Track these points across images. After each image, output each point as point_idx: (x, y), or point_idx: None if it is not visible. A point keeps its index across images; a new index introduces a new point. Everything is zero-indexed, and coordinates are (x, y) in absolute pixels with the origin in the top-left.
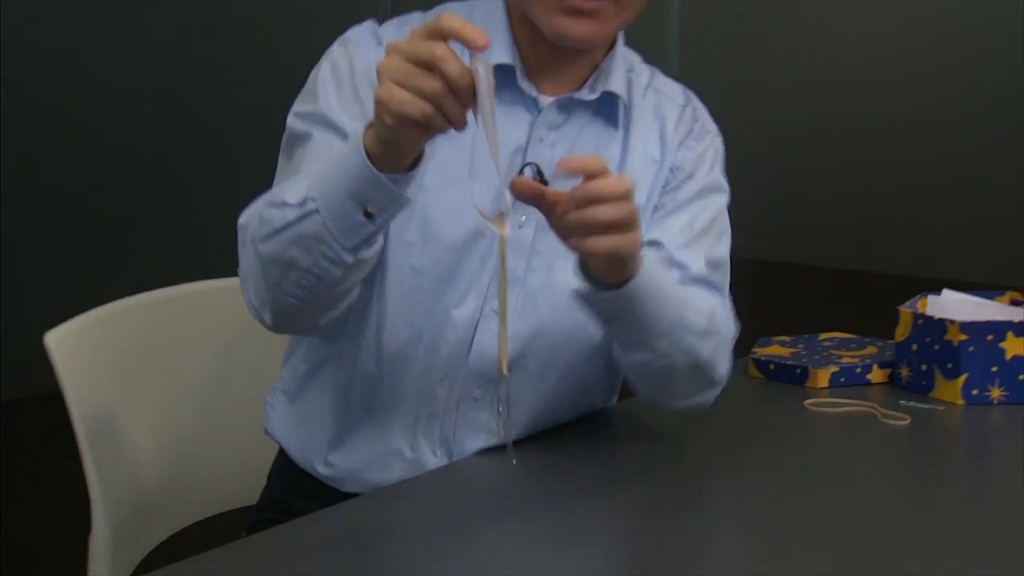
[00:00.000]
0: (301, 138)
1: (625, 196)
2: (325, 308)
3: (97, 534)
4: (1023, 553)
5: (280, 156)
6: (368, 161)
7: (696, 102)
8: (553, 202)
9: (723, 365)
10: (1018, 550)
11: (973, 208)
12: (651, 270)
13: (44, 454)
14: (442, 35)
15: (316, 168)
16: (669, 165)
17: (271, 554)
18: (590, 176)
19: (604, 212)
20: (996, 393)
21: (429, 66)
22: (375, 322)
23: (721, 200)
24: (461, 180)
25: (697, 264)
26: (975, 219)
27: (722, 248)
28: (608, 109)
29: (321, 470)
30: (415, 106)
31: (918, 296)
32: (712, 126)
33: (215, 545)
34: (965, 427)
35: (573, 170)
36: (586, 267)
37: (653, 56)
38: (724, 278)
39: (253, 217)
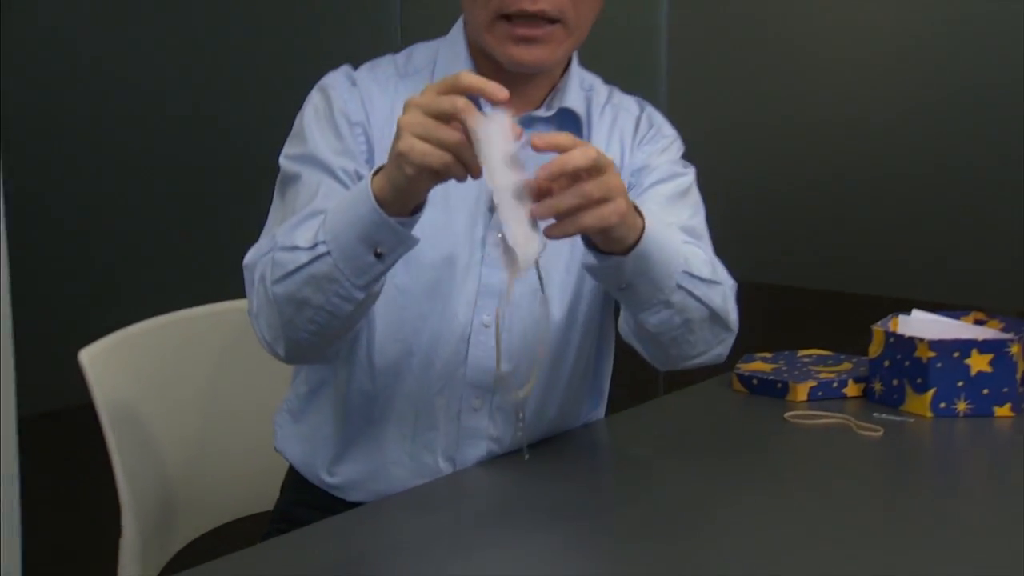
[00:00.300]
0: (292, 178)
1: (595, 167)
2: (335, 339)
3: (127, 536)
4: (988, 555)
5: (274, 195)
6: (379, 207)
7: (650, 109)
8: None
9: (734, 312)
10: (983, 552)
11: (941, 234)
12: (653, 228)
13: (76, 462)
14: (460, 90)
15: (328, 212)
16: (630, 168)
17: (275, 562)
18: (562, 151)
19: (578, 191)
20: (962, 406)
21: (449, 119)
22: (366, 341)
23: (688, 178)
24: (437, 203)
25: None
26: (943, 244)
27: (698, 220)
28: (569, 125)
29: (327, 479)
30: (436, 157)
31: (890, 316)
32: (670, 131)
33: (235, 549)
34: (933, 438)
35: (544, 147)
36: (591, 241)
37: (643, 82)
38: (707, 246)
39: (260, 258)
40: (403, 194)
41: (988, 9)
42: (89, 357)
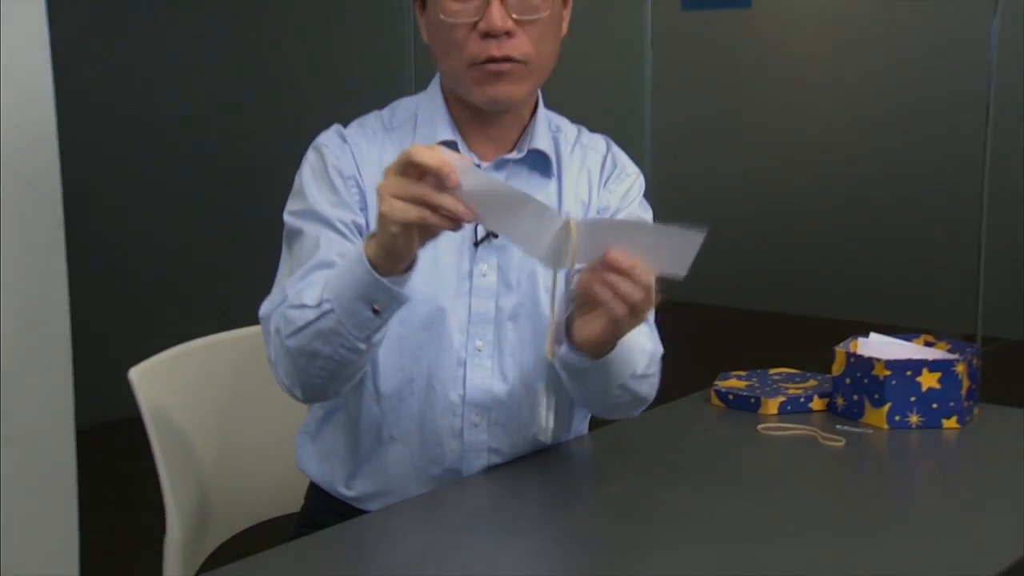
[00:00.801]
0: (296, 233)
1: (647, 287)
2: (346, 381)
3: (171, 536)
4: (937, 549)
5: (283, 249)
6: (372, 269)
7: (615, 149)
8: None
9: (653, 391)
10: (931, 548)
11: (895, 267)
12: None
13: (125, 470)
14: (418, 170)
15: (331, 273)
16: (597, 206)
17: (297, 561)
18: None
19: (636, 292)
20: (914, 419)
21: (421, 175)
22: (371, 371)
23: (647, 222)
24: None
25: None
26: (897, 276)
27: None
28: (541, 165)
29: (345, 492)
30: (413, 212)
31: (850, 338)
32: (632, 169)
33: (264, 548)
34: (889, 448)
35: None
36: (570, 336)
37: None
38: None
39: (273, 311)
40: (392, 254)
41: (942, 61)
42: (138, 375)
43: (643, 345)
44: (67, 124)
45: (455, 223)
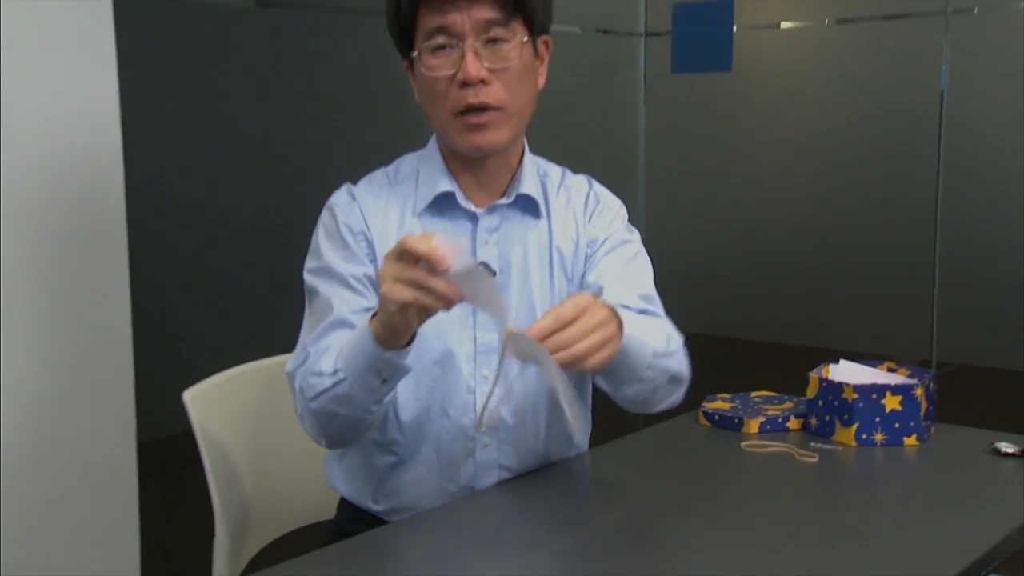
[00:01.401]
0: (313, 292)
1: (592, 320)
2: (364, 432)
3: (219, 539)
4: (903, 554)
5: (306, 303)
6: (376, 344)
7: (596, 187)
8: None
9: (686, 368)
10: (894, 552)
11: (863, 300)
12: (629, 329)
13: (178, 480)
14: (412, 256)
15: (344, 344)
16: (585, 241)
17: (326, 565)
18: (558, 321)
19: (582, 347)
20: (879, 437)
21: (416, 261)
22: (392, 401)
23: (634, 244)
24: None
25: (634, 302)
26: (863, 308)
27: (649, 282)
28: (530, 207)
29: (372, 507)
30: (407, 293)
31: (822, 365)
32: (614, 202)
33: (300, 553)
34: (857, 462)
35: (538, 335)
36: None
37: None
38: (658, 306)
39: (297, 372)
40: (392, 330)
41: (896, 111)
42: (191, 397)
43: (653, 329)
44: (131, 166)
45: (446, 303)
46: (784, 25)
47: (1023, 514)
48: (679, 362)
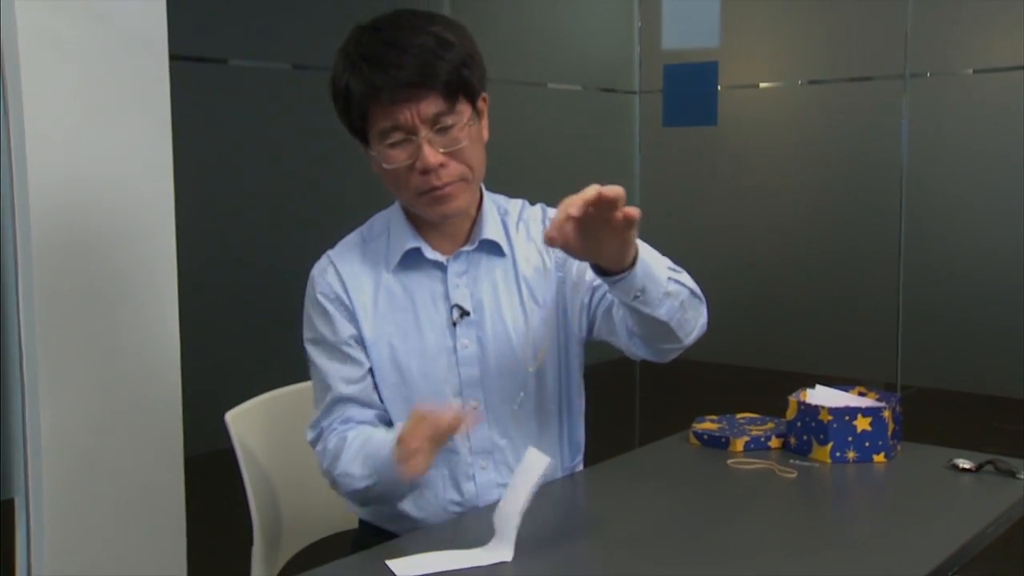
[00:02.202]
0: (312, 362)
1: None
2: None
3: (257, 545)
4: (868, 562)
5: (310, 368)
6: (398, 471)
7: (550, 211)
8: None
9: (698, 289)
10: (865, 560)
11: (834, 329)
12: (641, 244)
13: (220, 492)
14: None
15: (375, 457)
16: (552, 264)
17: (349, 571)
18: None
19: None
20: (852, 455)
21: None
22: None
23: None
24: (410, 330)
25: None
26: (834, 336)
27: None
28: (494, 249)
29: (389, 527)
30: (431, 458)
31: (800, 389)
32: None
33: (329, 558)
34: (832, 478)
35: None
36: (601, 271)
37: None
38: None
39: (317, 443)
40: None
41: (860, 156)
42: (232, 417)
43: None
44: (183, 207)
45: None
46: (762, 85)
47: (979, 523)
48: (689, 280)
